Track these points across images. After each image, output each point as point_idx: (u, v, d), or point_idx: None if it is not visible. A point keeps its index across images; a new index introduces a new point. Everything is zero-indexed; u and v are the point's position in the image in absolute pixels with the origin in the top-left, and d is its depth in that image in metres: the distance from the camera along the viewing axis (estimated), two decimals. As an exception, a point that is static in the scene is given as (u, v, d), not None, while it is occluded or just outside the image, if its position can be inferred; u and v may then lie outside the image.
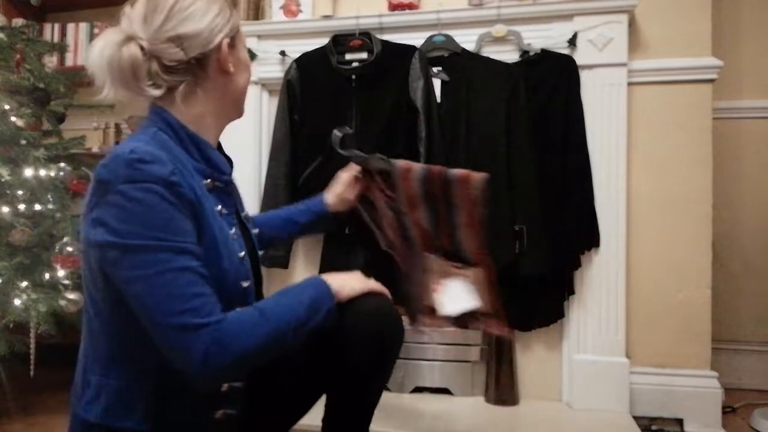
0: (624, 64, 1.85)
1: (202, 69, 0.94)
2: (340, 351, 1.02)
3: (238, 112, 1.06)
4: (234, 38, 0.99)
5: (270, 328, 0.87)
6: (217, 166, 0.98)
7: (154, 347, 0.84)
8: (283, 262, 2.03)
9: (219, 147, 1.05)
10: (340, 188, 1.42)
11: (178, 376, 0.85)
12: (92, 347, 0.92)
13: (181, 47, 0.91)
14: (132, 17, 0.92)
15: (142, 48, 0.89)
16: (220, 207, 0.96)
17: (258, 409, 1.06)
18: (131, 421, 0.88)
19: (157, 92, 0.91)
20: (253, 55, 2.09)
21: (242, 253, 0.99)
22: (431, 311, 1.32)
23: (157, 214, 0.82)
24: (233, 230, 0.99)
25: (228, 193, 1.01)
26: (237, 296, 0.94)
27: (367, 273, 1.11)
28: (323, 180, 1.92)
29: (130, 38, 0.89)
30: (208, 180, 0.95)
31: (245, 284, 0.97)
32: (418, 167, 1.34)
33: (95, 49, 0.90)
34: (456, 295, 1.28)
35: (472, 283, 1.24)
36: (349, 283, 1.03)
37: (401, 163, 1.37)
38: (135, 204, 0.81)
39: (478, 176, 1.29)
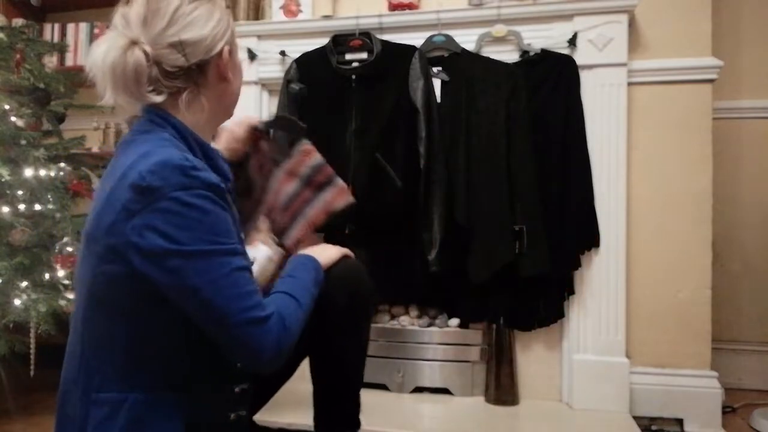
0: (624, 64, 1.85)
1: (202, 75, 0.93)
2: (318, 313, 1.07)
3: (229, 115, 1.06)
4: (231, 44, 0.98)
5: (303, 308, 0.95)
6: (224, 173, 0.98)
7: (177, 357, 0.86)
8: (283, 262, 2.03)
9: None
10: (236, 144, 1.39)
11: (203, 384, 0.89)
12: (101, 361, 0.86)
13: (183, 53, 0.89)
14: (130, 18, 0.89)
15: (145, 53, 0.86)
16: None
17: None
18: None
19: (158, 98, 0.89)
20: (253, 55, 2.09)
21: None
22: None
23: (213, 219, 0.83)
24: (241, 234, 1.01)
25: (233, 198, 1.02)
26: None
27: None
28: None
29: (134, 43, 0.86)
30: None
31: None
32: (318, 156, 1.49)
33: (98, 52, 0.87)
34: (257, 259, 1.44)
35: (271, 259, 1.42)
36: (326, 253, 1.15)
37: (308, 144, 1.51)
38: (191, 210, 0.81)
39: (348, 199, 1.49)
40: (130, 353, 0.86)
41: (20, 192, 1.92)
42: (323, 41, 2.02)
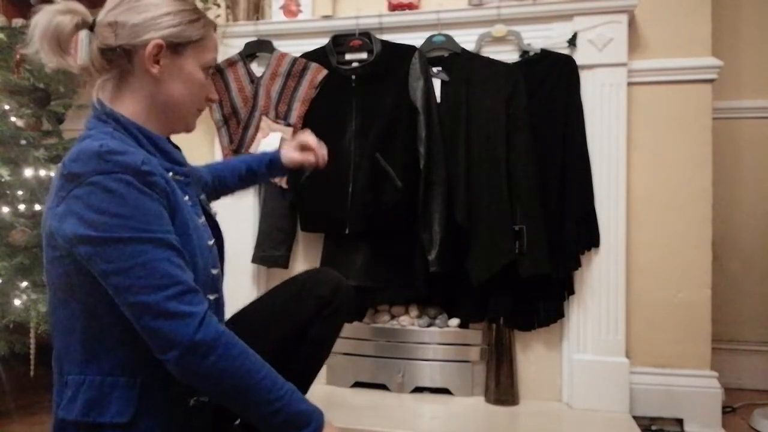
0: (624, 64, 1.85)
1: (129, 62, 0.95)
2: (298, 302, 1.19)
3: (179, 124, 1.03)
4: (182, 46, 0.97)
5: (249, 383, 0.88)
6: (174, 158, 0.99)
7: (132, 340, 0.87)
8: (283, 262, 2.03)
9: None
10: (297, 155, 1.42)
11: (158, 368, 0.87)
12: (66, 347, 0.92)
13: (114, 33, 0.93)
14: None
15: (83, 24, 0.95)
16: (186, 197, 0.98)
17: None
18: (107, 416, 0.89)
19: (81, 64, 0.95)
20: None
21: (211, 242, 1.01)
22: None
23: (131, 203, 0.83)
24: (201, 219, 1.01)
25: (188, 183, 1.02)
26: (208, 283, 0.97)
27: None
28: (323, 180, 1.93)
29: (69, 11, 0.94)
30: (170, 173, 0.96)
31: (214, 271, 1.00)
32: (290, 55, 2.02)
33: (39, 13, 0.93)
34: (271, 143, 1.97)
35: (284, 138, 1.97)
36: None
37: (281, 52, 2.04)
38: (108, 194, 0.82)
39: (324, 72, 1.98)
40: (86, 340, 0.90)
41: (20, 192, 1.92)
42: (323, 41, 2.02)
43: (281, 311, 1.20)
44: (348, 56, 1.98)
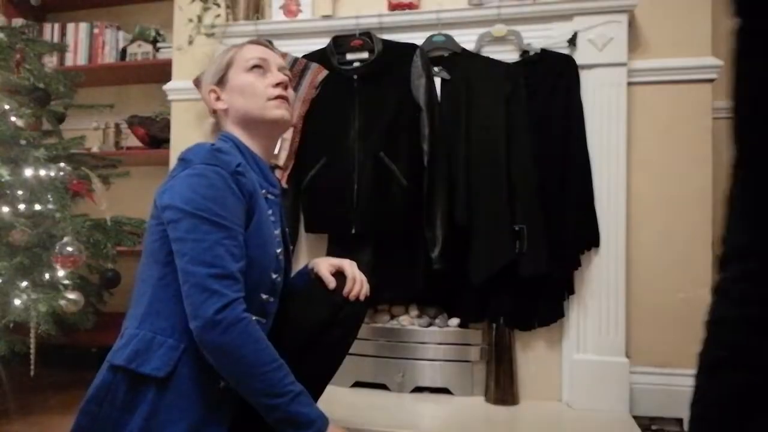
0: (624, 64, 1.85)
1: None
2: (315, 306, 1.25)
3: (267, 122, 1.21)
4: (224, 76, 1.23)
5: (256, 371, 1.00)
6: (270, 180, 1.21)
7: (184, 311, 1.01)
8: (283, 262, 2.03)
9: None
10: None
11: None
12: (136, 306, 1.09)
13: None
14: None
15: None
16: (270, 212, 1.16)
17: None
18: (147, 368, 1.02)
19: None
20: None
21: (279, 250, 1.18)
22: None
23: (218, 192, 1.03)
24: (277, 231, 1.19)
25: (276, 203, 1.22)
26: (266, 284, 1.13)
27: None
28: (328, 181, 1.92)
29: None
30: (263, 191, 1.16)
31: (275, 276, 1.15)
32: (290, 55, 1.99)
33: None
34: None
35: (284, 136, 1.82)
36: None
37: (282, 52, 1.95)
38: (204, 180, 1.03)
39: (325, 72, 1.97)
40: (151, 300, 1.06)
41: (20, 192, 1.92)
42: (323, 41, 2.02)
43: (295, 316, 1.22)
44: (349, 56, 1.98)
